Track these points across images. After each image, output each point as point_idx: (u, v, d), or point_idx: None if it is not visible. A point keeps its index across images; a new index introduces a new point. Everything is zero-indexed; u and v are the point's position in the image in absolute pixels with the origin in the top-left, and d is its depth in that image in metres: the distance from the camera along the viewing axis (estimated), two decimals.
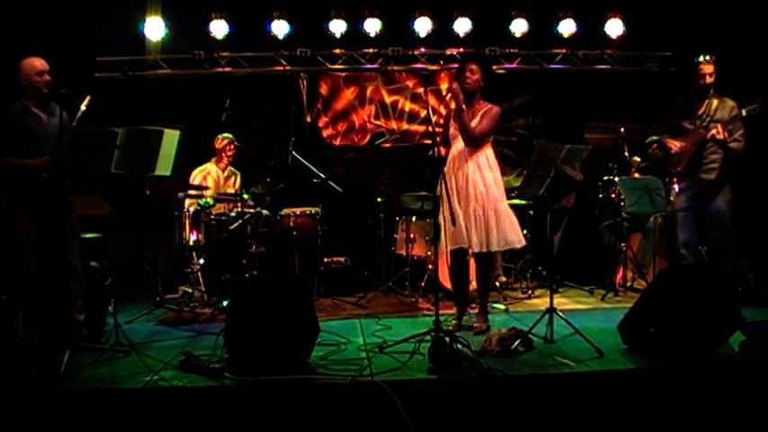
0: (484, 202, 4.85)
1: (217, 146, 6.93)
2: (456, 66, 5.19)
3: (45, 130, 4.44)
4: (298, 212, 6.76)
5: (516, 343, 4.27)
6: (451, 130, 5.02)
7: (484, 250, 4.90)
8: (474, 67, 4.94)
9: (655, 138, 7.06)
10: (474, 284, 5.52)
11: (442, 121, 4.86)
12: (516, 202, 6.90)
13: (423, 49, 8.22)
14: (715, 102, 5.13)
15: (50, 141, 4.36)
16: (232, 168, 6.97)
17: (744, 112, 4.96)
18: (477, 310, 5.19)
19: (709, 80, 5.12)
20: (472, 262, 5.31)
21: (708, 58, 5.14)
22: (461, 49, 8.10)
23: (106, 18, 7.18)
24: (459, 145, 4.95)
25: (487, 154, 4.97)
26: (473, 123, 4.88)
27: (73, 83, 4.48)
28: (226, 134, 6.86)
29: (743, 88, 5.32)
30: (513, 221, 4.95)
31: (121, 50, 7.93)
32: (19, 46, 6.65)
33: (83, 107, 4.46)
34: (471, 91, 4.94)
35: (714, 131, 4.97)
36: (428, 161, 5.02)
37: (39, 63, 4.49)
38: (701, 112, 5.18)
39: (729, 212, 5.17)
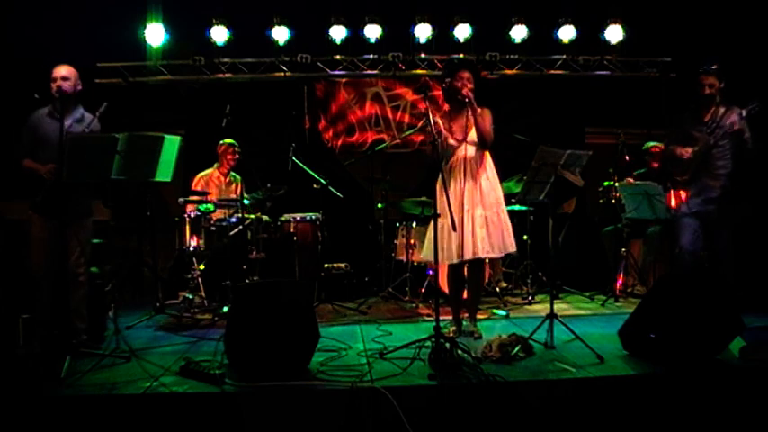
0: (496, 207, 4.90)
1: (219, 151, 6.93)
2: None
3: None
4: (298, 218, 6.76)
5: (516, 349, 4.27)
6: (451, 141, 4.93)
7: (502, 255, 5.03)
8: (467, 75, 4.89)
9: (651, 144, 7.09)
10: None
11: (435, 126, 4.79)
12: (517, 207, 6.91)
13: (423, 55, 8.25)
14: (722, 109, 5.22)
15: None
16: (234, 174, 6.96)
17: (744, 112, 5.04)
18: (467, 316, 5.21)
19: (708, 91, 5.21)
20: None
21: (708, 69, 5.22)
22: (462, 55, 8.11)
23: (107, 24, 7.19)
24: (461, 153, 4.91)
25: (489, 158, 4.99)
26: (476, 126, 4.89)
27: None
28: (228, 140, 6.86)
29: (744, 92, 5.35)
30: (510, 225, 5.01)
31: (122, 56, 7.95)
32: (20, 51, 6.72)
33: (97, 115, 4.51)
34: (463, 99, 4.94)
35: (732, 123, 5.10)
36: (430, 164, 4.98)
37: (55, 69, 4.54)
38: (707, 119, 5.25)
39: (736, 218, 5.21)
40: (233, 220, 6.32)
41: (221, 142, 6.89)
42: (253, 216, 6.43)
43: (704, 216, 5.25)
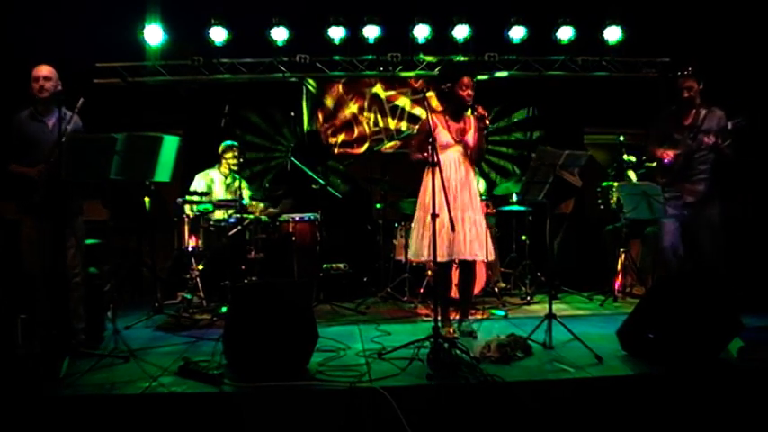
0: (480, 212, 4.96)
1: (219, 152, 6.91)
2: None
3: (48, 136, 4.45)
4: (297, 218, 6.76)
5: (515, 349, 4.28)
6: (444, 140, 4.90)
7: (491, 258, 5.03)
8: (467, 81, 4.91)
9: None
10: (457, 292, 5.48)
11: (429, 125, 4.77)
12: (516, 207, 6.91)
13: (422, 56, 8.24)
14: (703, 112, 5.24)
15: (52, 147, 4.39)
16: (234, 175, 6.94)
17: (730, 125, 5.07)
18: (458, 317, 5.21)
19: (687, 94, 5.25)
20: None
21: (686, 72, 5.24)
22: (460, 56, 8.11)
23: (106, 24, 7.19)
24: (454, 155, 4.92)
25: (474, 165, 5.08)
26: (475, 138, 4.97)
27: (72, 88, 4.52)
28: (229, 141, 6.84)
29: (740, 94, 5.37)
30: None
31: (121, 56, 7.95)
32: (19, 52, 6.71)
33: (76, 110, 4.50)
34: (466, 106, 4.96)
35: (708, 140, 5.11)
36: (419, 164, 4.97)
37: (35, 70, 4.53)
38: (688, 123, 5.27)
39: (720, 220, 5.24)
40: (232, 220, 6.31)
41: (222, 143, 6.87)
42: (251, 216, 6.42)
43: (686, 218, 5.28)
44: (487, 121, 4.88)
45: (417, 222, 4.98)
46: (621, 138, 7.20)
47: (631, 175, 7.15)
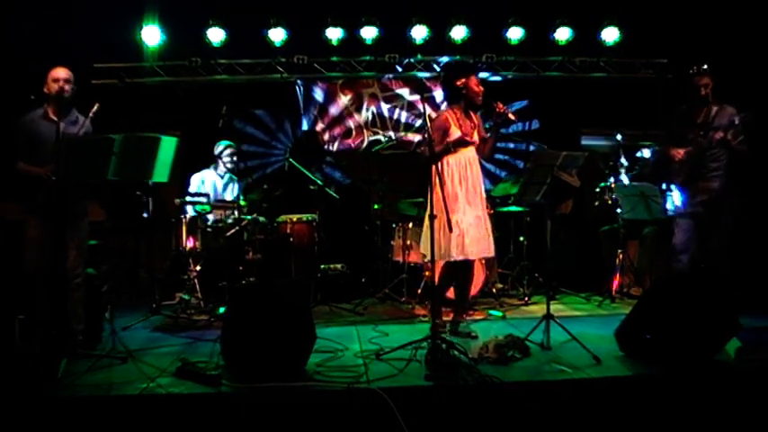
0: (485, 209, 4.98)
1: (216, 152, 6.90)
2: None
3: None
4: (294, 219, 6.76)
5: (513, 350, 4.28)
6: (457, 137, 4.85)
7: (492, 255, 5.08)
8: (477, 79, 4.95)
9: (647, 143, 7.13)
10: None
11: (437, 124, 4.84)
12: (514, 209, 6.91)
13: (419, 57, 8.25)
14: (714, 109, 5.24)
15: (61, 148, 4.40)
16: (231, 175, 6.94)
17: (737, 120, 5.06)
18: (451, 318, 5.20)
19: (704, 92, 5.23)
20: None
21: (701, 69, 5.23)
22: (458, 57, 8.11)
23: (104, 24, 7.18)
24: (469, 153, 4.93)
25: None
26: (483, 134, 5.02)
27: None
28: (225, 141, 6.84)
29: (739, 93, 5.36)
30: None
31: (119, 57, 7.94)
32: (17, 52, 6.71)
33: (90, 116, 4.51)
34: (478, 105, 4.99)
35: (717, 135, 5.09)
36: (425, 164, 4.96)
37: (56, 71, 4.54)
38: (700, 120, 5.26)
39: (732, 219, 5.24)
40: (229, 221, 6.30)
41: (218, 144, 6.86)
42: (249, 217, 6.42)
43: (698, 217, 5.28)
44: (511, 115, 4.85)
45: (436, 222, 4.58)
46: (619, 136, 7.20)
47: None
